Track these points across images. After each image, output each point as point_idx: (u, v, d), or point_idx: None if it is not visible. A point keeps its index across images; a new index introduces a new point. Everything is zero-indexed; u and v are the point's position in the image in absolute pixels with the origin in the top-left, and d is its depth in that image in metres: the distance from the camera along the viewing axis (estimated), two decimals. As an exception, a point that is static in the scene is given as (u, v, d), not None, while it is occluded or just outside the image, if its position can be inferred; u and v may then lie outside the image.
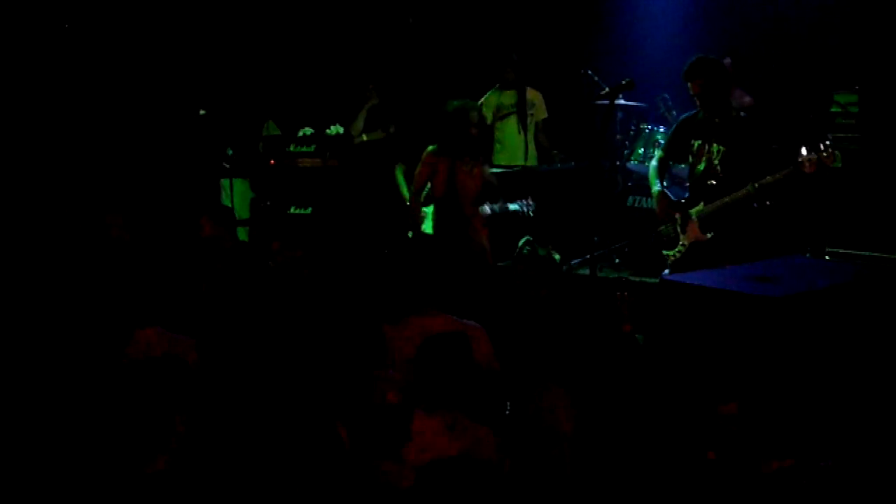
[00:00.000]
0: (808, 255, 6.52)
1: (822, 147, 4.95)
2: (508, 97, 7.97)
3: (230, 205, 7.73)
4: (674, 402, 3.99)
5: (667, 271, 5.51)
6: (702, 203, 5.47)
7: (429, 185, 6.51)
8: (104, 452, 3.40)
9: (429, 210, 6.73)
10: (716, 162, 5.42)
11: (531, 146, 7.97)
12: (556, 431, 3.87)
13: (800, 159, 4.99)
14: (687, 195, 5.69)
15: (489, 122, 7.93)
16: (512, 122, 8.03)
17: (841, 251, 6.51)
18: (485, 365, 4.21)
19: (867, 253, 6.41)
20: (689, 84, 5.47)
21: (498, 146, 8.02)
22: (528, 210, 6.52)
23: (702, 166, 5.50)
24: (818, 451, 3.60)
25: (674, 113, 7.55)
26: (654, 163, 5.93)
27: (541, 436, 3.87)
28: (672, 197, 5.69)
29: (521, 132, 7.99)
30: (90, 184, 7.65)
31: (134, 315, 4.35)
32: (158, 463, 3.35)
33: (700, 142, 5.52)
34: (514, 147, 8.00)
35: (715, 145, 5.43)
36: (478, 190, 6.38)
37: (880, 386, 3.96)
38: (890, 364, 4.00)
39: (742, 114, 5.65)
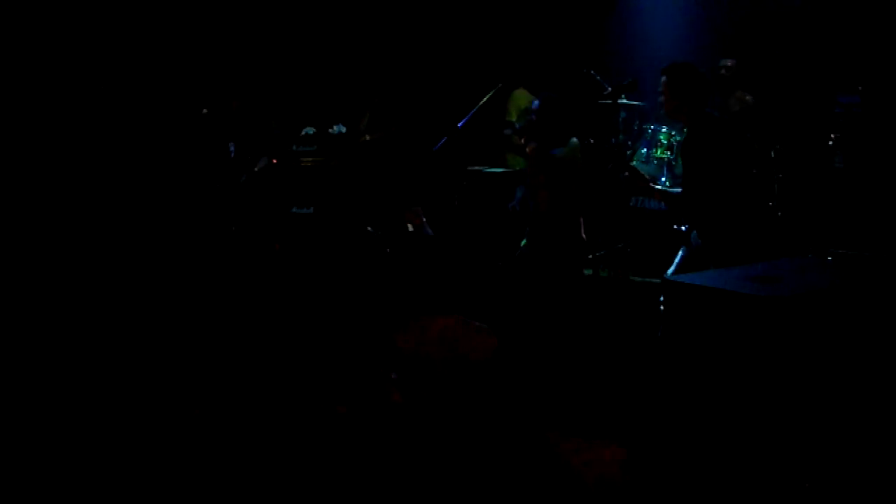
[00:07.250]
0: (810, 255, 6.51)
1: None
2: (528, 101, 7.97)
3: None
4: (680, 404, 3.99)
5: (669, 271, 5.49)
6: None
7: None
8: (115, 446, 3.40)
9: None
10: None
11: None
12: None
13: None
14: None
15: (514, 120, 7.94)
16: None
17: (844, 252, 6.50)
18: (482, 362, 4.19)
19: (870, 254, 6.40)
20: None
21: (509, 155, 8.02)
22: None
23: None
24: (821, 450, 3.60)
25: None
26: None
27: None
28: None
29: None
30: (92, 182, 7.65)
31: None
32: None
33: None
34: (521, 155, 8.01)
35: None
36: None
37: (884, 386, 3.96)
38: (893, 364, 4.00)
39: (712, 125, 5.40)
